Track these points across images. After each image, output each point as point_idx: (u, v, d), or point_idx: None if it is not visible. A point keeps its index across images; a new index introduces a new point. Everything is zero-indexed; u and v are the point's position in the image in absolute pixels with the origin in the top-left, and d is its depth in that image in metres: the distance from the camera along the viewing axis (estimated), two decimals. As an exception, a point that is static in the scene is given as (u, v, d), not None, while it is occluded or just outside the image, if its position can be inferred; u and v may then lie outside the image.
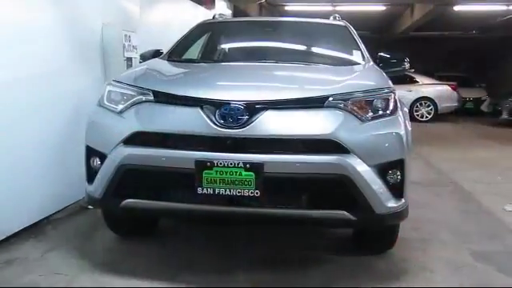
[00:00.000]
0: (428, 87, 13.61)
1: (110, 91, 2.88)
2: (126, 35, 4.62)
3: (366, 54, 3.72)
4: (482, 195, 4.90)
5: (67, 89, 3.95)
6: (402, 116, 2.76)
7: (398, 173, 2.63)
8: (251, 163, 2.43)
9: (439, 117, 13.51)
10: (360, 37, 3.97)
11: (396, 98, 2.80)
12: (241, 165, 2.43)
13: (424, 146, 8.30)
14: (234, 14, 10.25)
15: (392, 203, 2.60)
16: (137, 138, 2.60)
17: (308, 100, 2.60)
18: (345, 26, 4.19)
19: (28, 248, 3.19)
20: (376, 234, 3.14)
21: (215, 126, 2.48)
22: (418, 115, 13.36)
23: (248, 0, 9.86)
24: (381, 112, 2.68)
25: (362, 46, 3.83)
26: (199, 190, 2.48)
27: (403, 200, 2.67)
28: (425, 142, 8.75)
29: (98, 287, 2.66)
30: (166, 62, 3.57)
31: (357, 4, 11.90)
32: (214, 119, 2.50)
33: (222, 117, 2.49)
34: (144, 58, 3.89)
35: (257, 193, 2.44)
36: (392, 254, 3.19)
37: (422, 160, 6.96)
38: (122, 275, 2.79)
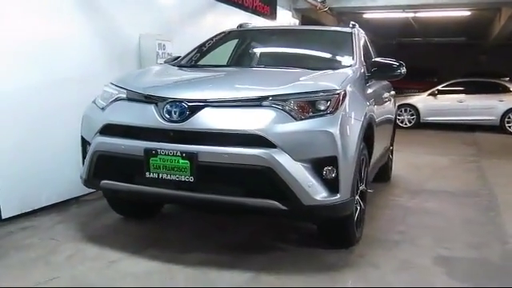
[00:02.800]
0: (523, 97, 12.51)
1: (104, 91, 3.42)
2: (160, 44, 5.22)
3: (357, 59, 3.84)
4: (509, 209, 4.64)
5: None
6: (343, 116, 2.90)
7: (332, 169, 2.80)
8: (187, 152, 2.79)
9: (536, 129, 12.34)
10: (457, 43, 3.98)
11: (342, 99, 2.95)
12: (178, 154, 2.81)
13: (493, 159, 7.84)
14: (303, 23, 10.52)
15: (323, 196, 2.79)
16: (108, 129, 3.10)
17: (245, 100, 2.90)
18: (350, 33, 4.30)
19: (46, 219, 3.86)
20: (328, 229, 3.29)
21: (162, 120, 2.90)
22: (510, 127, 12.34)
23: (312, 9, 10.03)
24: (321, 112, 2.87)
25: (357, 52, 3.94)
26: (147, 175, 2.90)
27: (339, 195, 2.83)
28: (497, 156, 8.22)
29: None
30: (169, 66, 4.05)
31: (438, 10, 11.41)
32: (161, 114, 2.90)
33: (168, 112, 2.89)
34: (167, 63, 4.41)
35: (191, 179, 2.80)
36: (351, 251, 3.31)
37: (477, 173, 6.61)
38: (100, 246, 3.30)
